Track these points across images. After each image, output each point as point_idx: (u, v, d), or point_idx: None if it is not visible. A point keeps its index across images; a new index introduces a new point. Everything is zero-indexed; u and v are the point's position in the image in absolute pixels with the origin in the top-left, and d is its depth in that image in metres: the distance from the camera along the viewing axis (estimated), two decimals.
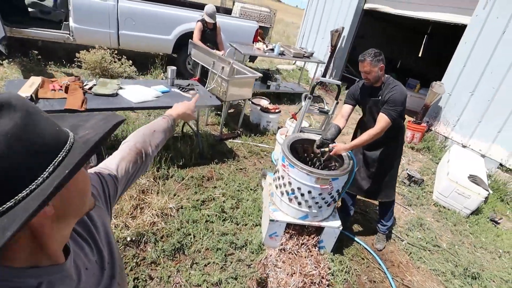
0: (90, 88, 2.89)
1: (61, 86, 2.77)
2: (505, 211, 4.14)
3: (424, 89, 7.23)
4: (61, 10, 5.44)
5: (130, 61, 5.37)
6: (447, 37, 9.62)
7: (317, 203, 2.33)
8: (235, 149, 3.96)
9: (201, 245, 2.45)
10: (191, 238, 2.49)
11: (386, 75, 2.46)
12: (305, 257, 2.47)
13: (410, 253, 2.95)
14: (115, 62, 5.22)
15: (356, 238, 2.95)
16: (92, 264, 0.68)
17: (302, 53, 5.86)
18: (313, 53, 6.12)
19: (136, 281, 2.07)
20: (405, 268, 2.80)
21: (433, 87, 5.23)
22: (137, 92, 2.99)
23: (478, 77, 4.88)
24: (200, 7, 6.25)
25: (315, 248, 2.55)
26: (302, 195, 2.30)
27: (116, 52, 5.24)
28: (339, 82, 2.84)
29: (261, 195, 3.13)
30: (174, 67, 3.45)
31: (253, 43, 6.01)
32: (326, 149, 2.40)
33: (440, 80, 5.42)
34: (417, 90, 7.74)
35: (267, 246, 2.55)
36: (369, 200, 3.55)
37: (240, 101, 5.21)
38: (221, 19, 4.86)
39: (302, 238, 2.54)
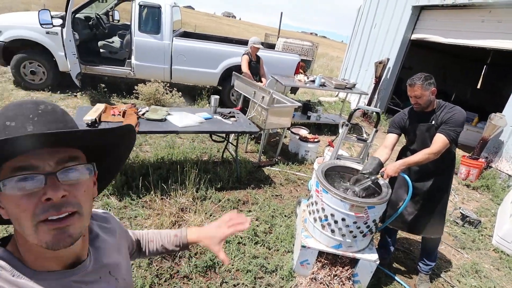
0: (143, 114, 3.22)
1: (119, 112, 3.14)
2: None
3: (483, 123, 6.69)
4: (125, 50, 6.21)
5: (180, 93, 5.86)
6: None
7: (351, 232, 2.26)
8: (272, 176, 4.01)
9: (232, 265, 2.48)
10: None
11: (437, 100, 2.37)
12: None
13: None
14: (167, 93, 5.73)
15: (396, 278, 2.74)
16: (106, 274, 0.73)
17: (344, 84, 5.90)
18: (355, 84, 6.13)
19: None
20: None
21: (492, 119, 4.85)
22: (182, 117, 3.25)
23: None
24: (244, 42, 6.70)
25: (349, 281, 2.43)
26: (336, 222, 2.26)
27: (168, 85, 5.77)
28: (378, 110, 2.82)
29: (295, 222, 3.10)
30: (217, 96, 3.71)
31: (294, 75, 6.21)
32: (378, 176, 2.31)
33: (499, 111, 5.03)
34: (475, 123, 7.23)
35: (297, 273, 2.50)
36: (413, 237, 3.33)
37: (279, 130, 5.34)
38: (263, 53, 5.16)
39: (335, 269, 2.44)
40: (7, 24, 5.26)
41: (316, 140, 4.55)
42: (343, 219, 2.22)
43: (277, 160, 4.35)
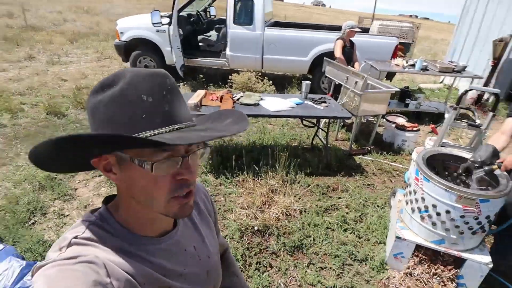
0: (238, 99, 3.44)
1: (217, 97, 3.43)
2: None
3: None
4: (221, 42, 6.66)
5: (270, 81, 6.02)
6: None
7: (457, 227, 2.01)
8: (364, 165, 3.83)
9: (320, 248, 2.48)
10: (310, 240, 2.56)
11: None
12: None
13: None
14: (258, 82, 5.96)
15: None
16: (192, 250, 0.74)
17: (451, 67, 5.16)
18: (465, 67, 5.30)
19: (258, 264, 2.30)
20: None
21: None
22: (274, 102, 3.36)
23: None
24: (335, 29, 6.44)
25: (452, 283, 2.18)
26: (438, 214, 2.05)
27: (259, 74, 6.00)
28: (497, 90, 2.40)
29: (389, 214, 2.91)
30: (308, 82, 3.70)
31: (391, 59, 5.72)
32: (494, 167, 1.99)
33: None
34: None
35: (390, 266, 2.36)
36: None
37: (372, 118, 5.03)
38: (356, 38, 4.88)
39: (436, 267, 2.22)
40: (127, 26, 6.21)
41: (415, 128, 4.13)
42: (447, 212, 1.99)
43: (369, 149, 4.12)
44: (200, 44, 7.10)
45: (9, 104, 4.52)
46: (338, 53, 4.53)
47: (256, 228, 2.59)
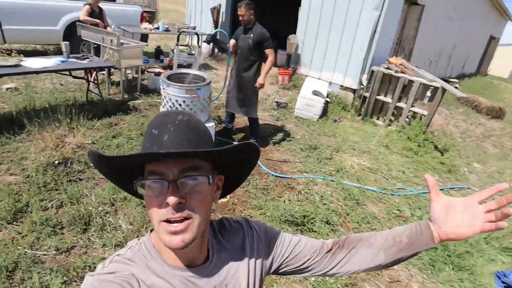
0: None
1: None
2: (346, 115, 5.91)
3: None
4: None
5: (22, 55, 5.67)
6: None
7: (191, 109, 3.42)
8: (138, 105, 4.83)
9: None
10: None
11: (259, 24, 3.69)
12: None
13: (273, 144, 4.32)
14: (4, 56, 5.48)
15: (231, 140, 4.17)
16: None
17: (185, 27, 6.85)
18: (195, 27, 7.17)
19: (69, 181, 2.92)
20: (268, 151, 4.15)
21: (290, 39, 6.80)
22: (38, 61, 3.65)
23: (316, 26, 6.59)
24: None
25: None
26: (180, 105, 3.37)
27: (3, 48, 5.49)
28: (193, 31, 3.93)
29: None
30: (67, 42, 4.13)
31: (141, 24, 6.77)
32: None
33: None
34: None
35: None
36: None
37: (136, 75, 6.01)
38: (106, 6, 5.51)
39: None
40: None
41: None
42: (184, 101, 3.35)
43: (138, 95, 5.14)
44: None
45: None
46: (82, 16, 5.08)
47: (57, 162, 3.10)
